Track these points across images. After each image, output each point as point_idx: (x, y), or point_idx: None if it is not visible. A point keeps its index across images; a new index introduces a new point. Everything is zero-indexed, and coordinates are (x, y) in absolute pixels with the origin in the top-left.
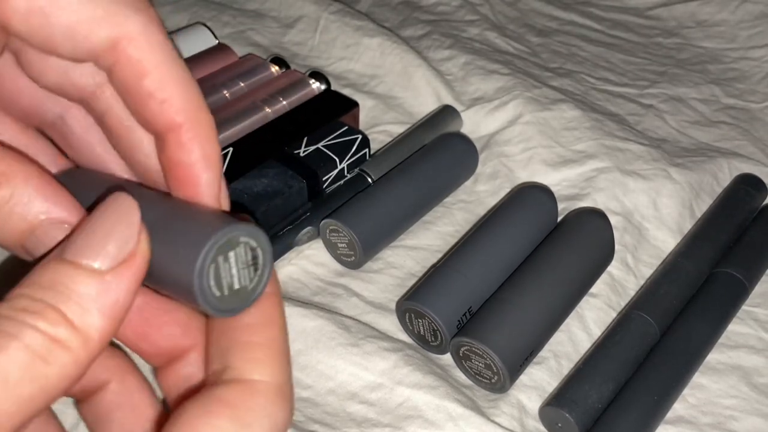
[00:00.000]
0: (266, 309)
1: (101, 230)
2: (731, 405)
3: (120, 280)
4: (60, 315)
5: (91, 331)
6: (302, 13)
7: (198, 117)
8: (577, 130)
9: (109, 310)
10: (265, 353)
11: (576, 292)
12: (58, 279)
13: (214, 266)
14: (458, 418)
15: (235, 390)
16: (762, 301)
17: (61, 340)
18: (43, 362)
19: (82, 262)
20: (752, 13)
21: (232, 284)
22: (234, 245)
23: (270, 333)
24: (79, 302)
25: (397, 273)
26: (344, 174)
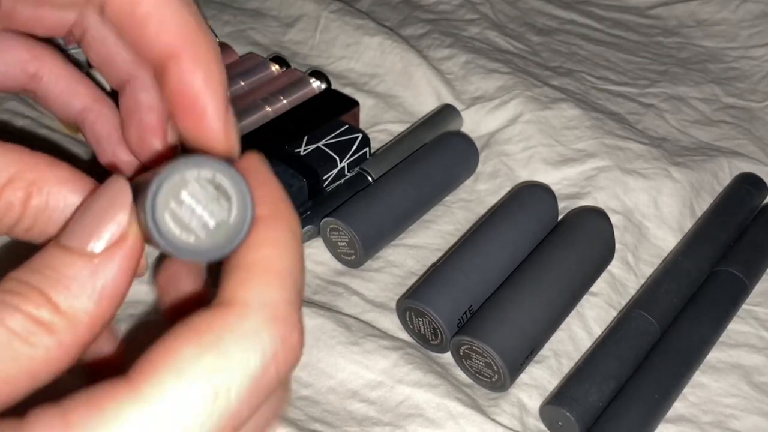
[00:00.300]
0: (260, 231)
1: (93, 214)
2: (732, 404)
3: (110, 263)
4: (44, 298)
5: (78, 315)
6: (302, 12)
7: (197, 40)
8: (578, 129)
9: (99, 293)
10: (249, 272)
11: (576, 291)
12: (48, 262)
13: (169, 213)
14: (459, 417)
15: (210, 314)
16: (762, 300)
17: (45, 323)
18: (25, 343)
19: (73, 246)
20: (753, 13)
21: (205, 224)
22: (182, 185)
23: (262, 253)
24: (67, 285)
25: (398, 272)
26: (344, 173)
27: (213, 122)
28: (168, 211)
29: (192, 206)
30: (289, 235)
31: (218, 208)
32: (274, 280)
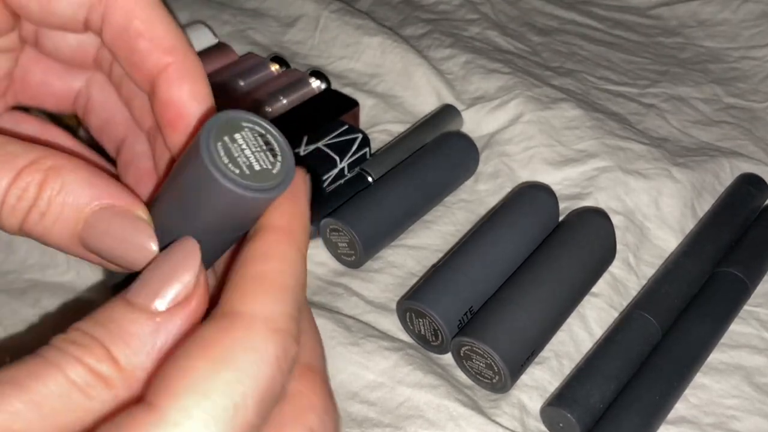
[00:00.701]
0: (268, 241)
1: (162, 273)
2: (733, 405)
3: (172, 323)
4: (105, 351)
5: (136, 372)
6: (302, 12)
7: (186, 56)
8: (579, 130)
9: (158, 352)
10: (254, 284)
11: (577, 292)
12: (113, 317)
13: (222, 144)
14: (459, 418)
15: (212, 326)
16: (764, 301)
17: (104, 377)
18: (83, 395)
19: (139, 302)
20: (754, 13)
21: (251, 165)
22: (237, 128)
23: (268, 266)
24: (129, 342)
25: (398, 272)
26: (344, 173)
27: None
28: (221, 142)
29: (242, 147)
30: (296, 252)
31: (264, 158)
32: (279, 293)
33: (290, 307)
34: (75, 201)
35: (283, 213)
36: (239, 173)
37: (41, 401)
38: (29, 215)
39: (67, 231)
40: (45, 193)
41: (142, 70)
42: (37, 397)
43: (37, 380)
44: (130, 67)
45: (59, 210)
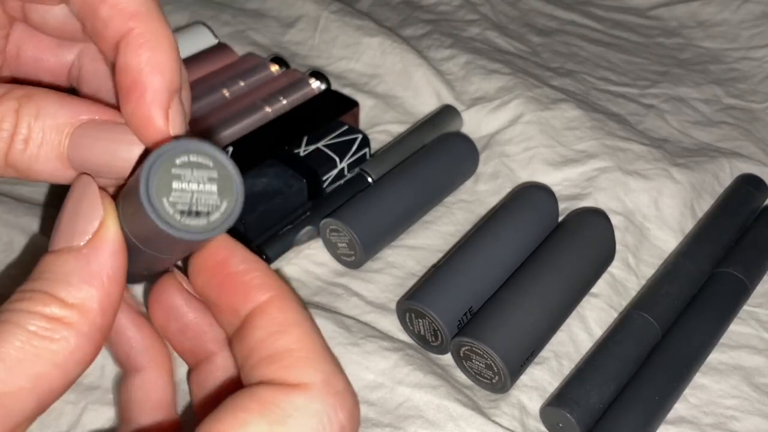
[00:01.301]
0: (276, 315)
1: (69, 214)
2: (732, 405)
3: (97, 250)
4: (49, 296)
5: (86, 303)
6: (302, 13)
7: (149, 22)
8: (578, 130)
9: (97, 278)
10: (293, 358)
11: (577, 292)
12: (43, 268)
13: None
14: (459, 418)
15: (272, 389)
16: (763, 301)
17: (58, 317)
18: (45, 339)
19: (59, 247)
20: (754, 13)
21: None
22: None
23: (292, 336)
24: (66, 280)
25: (398, 273)
26: (344, 173)
27: (151, 104)
28: (164, 179)
29: (186, 183)
30: (302, 309)
31: (208, 194)
32: (317, 356)
33: (334, 364)
34: (54, 121)
35: (262, 283)
36: (180, 215)
37: (4, 356)
38: (12, 145)
39: (53, 153)
40: (23, 120)
41: (105, 38)
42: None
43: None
44: (95, 36)
45: (41, 134)
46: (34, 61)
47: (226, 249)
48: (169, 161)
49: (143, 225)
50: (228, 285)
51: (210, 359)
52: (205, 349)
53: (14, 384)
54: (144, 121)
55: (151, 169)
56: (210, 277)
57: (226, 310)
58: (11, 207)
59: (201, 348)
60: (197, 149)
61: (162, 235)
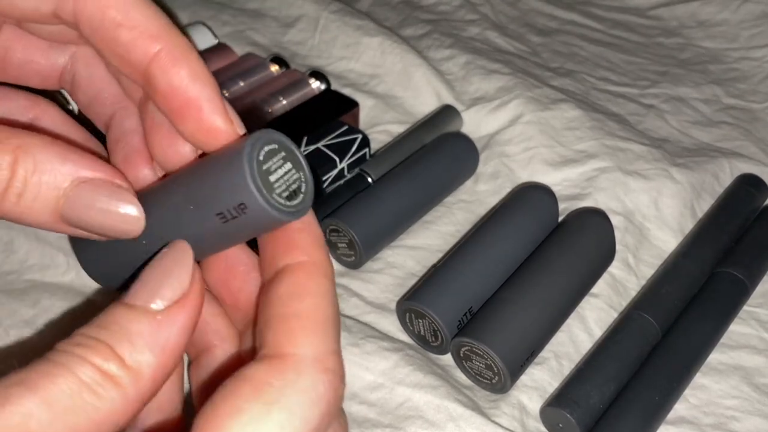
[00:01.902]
0: (300, 280)
1: (157, 274)
2: (732, 405)
3: (173, 320)
4: (111, 351)
5: (142, 368)
6: (302, 13)
7: (173, 39)
8: (578, 130)
9: (161, 348)
10: (297, 325)
11: (577, 292)
12: (113, 319)
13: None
14: (459, 419)
15: (262, 367)
16: (763, 301)
17: (112, 375)
18: (92, 394)
19: (137, 304)
20: (753, 13)
21: (280, 186)
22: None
23: (306, 304)
24: (131, 340)
25: (398, 273)
26: (344, 174)
27: (211, 114)
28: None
29: (276, 168)
30: (328, 282)
31: (291, 181)
32: (321, 331)
33: (335, 343)
34: (52, 179)
35: (306, 246)
36: (285, 201)
37: (53, 401)
38: (5, 197)
39: (47, 210)
40: (18, 173)
41: (131, 63)
42: (48, 397)
43: (48, 380)
44: (117, 61)
45: (36, 189)
46: (23, 64)
47: None
48: (256, 158)
49: (252, 224)
50: (279, 235)
51: (210, 351)
52: (206, 341)
53: (53, 431)
54: (212, 133)
55: (252, 174)
56: None
57: (267, 257)
58: None
59: (202, 339)
60: (271, 138)
61: (273, 224)
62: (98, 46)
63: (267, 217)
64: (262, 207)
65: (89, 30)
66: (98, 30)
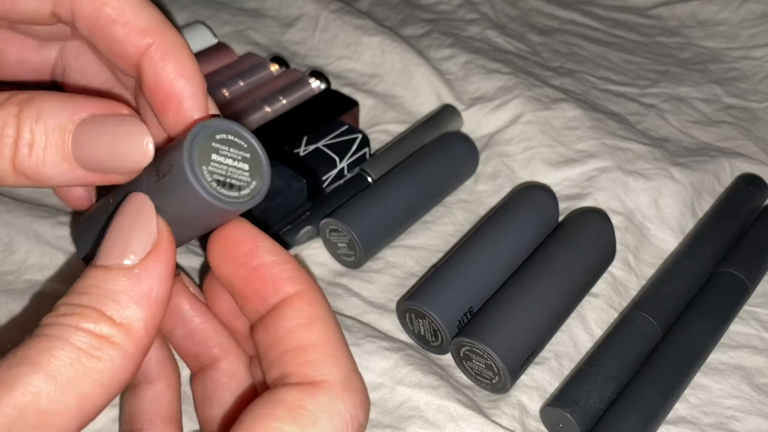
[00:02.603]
0: (304, 309)
1: (122, 231)
2: (733, 405)
3: (149, 271)
4: (99, 313)
5: (133, 323)
6: (302, 12)
7: (165, 34)
8: (579, 130)
9: (146, 300)
10: (317, 353)
11: (577, 292)
12: (91, 283)
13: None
14: (459, 419)
15: (294, 391)
16: (764, 301)
17: (106, 336)
18: (91, 359)
19: (111, 264)
20: (754, 13)
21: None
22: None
23: (317, 330)
24: (114, 298)
25: (398, 273)
26: (344, 173)
27: (191, 110)
28: (203, 150)
29: (223, 157)
30: (326, 304)
31: (242, 170)
32: (339, 353)
33: (353, 362)
34: (56, 121)
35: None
36: (216, 183)
37: (56, 374)
38: (18, 150)
39: (59, 154)
40: (25, 123)
41: (124, 57)
42: (51, 370)
43: (47, 355)
44: (112, 55)
45: (44, 136)
46: (17, 63)
47: (254, 239)
48: (210, 135)
49: (177, 190)
50: (256, 275)
51: (215, 365)
52: (210, 355)
53: (64, 403)
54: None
55: (194, 139)
56: (237, 266)
57: (252, 298)
58: (11, 207)
59: (206, 353)
60: (235, 130)
61: (195, 200)
62: (94, 41)
63: (187, 186)
64: (183, 170)
65: (85, 27)
66: (94, 27)
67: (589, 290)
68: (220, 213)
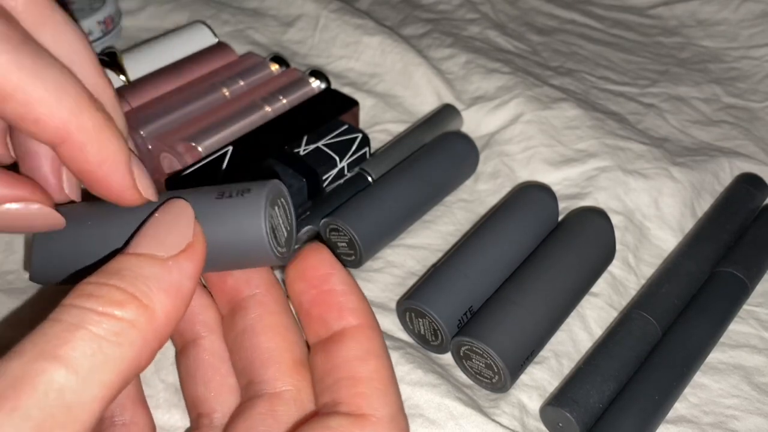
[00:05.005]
0: (363, 342)
1: (160, 226)
2: (732, 404)
3: (181, 266)
4: (126, 294)
5: (156, 309)
6: (302, 12)
7: (81, 124)
8: (579, 129)
9: (174, 290)
10: (370, 387)
11: (577, 292)
12: (123, 266)
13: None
14: (459, 417)
15: (345, 421)
16: (763, 301)
17: (128, 319)
18: (113, 345)
19: (145, 252)
20: (753, 12)
21: (278, 232)
22: (277, 199)
23: (372, 365)
24: (145, 282)
25: (398, 272)
26: (344, 173)
27: (120, 189)
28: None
29: (276, 215)
30: (383, 342)
31: (284, 229)
32: (390, 392)
33: (401, 401)
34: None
35: (357, 309)
36: (270, 226)
37: (78, 367)
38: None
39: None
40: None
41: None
42: (73, 363)
43: (67, 346)
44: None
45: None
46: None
47: (330, 266)
48: (278, 192)
49: (239, 213)
50: (324, 299)
51: (196, 342)
52: (193, 331)
53: (88, 395)
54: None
55: (273, 185)
56: (309, 286)
57: (316, 319)
58: None
59: (190, 330)
60: (289, 201)
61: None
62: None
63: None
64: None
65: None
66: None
67: (588, 290)
68: (256, 252)
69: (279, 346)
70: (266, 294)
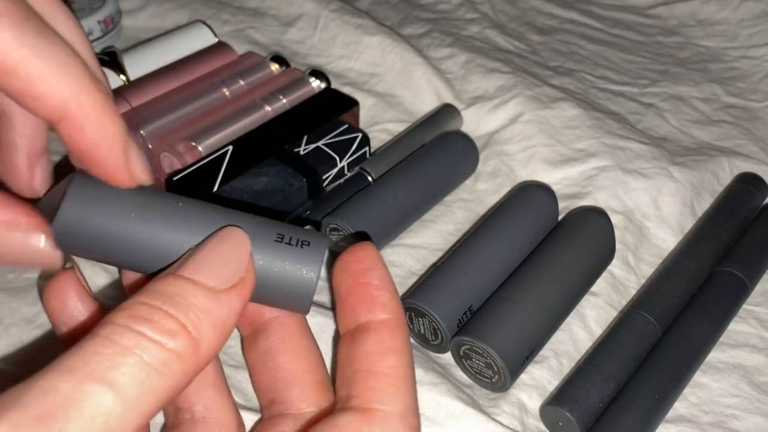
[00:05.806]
0: (385, 338)
1: (217, 256)
2: (732, 404)
3: (231, 301)
4: (178, 324)
5: (203, 343)
6: (302, 11)
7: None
8: (578, 129)
9: (221, 325)
10: (385, 382)
11: (577, 291)
12: (177, 291)
13: None
14: (459, 416)
15: (353, 418)
16: (763, 300)
17: (177, 351)
18: (159, 376)
19: (199, 280)
20: (753, 12)
21: None
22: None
23: (391, 361)
24: (197, 314)
25: (398, 272)
26: (344, 172)
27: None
28: None
29: None
30: (408, 341)
31: None
32: (405, 389)
33: (415, 401)
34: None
35: (387, 303)
36: None
37: (126, 394)
38: None
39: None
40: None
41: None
42: (121, 390)
43: (117, 370)
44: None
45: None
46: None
47: (372, 262)
48: None
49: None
50: (358, 290)
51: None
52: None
53: (129, 423)
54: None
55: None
56: (349, 276)
57: (348, 309)
58: None
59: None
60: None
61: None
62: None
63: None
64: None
65: None
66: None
67: (588, 289)
68: (298, 302)
69: (302, 368)
70: (289, 316)
